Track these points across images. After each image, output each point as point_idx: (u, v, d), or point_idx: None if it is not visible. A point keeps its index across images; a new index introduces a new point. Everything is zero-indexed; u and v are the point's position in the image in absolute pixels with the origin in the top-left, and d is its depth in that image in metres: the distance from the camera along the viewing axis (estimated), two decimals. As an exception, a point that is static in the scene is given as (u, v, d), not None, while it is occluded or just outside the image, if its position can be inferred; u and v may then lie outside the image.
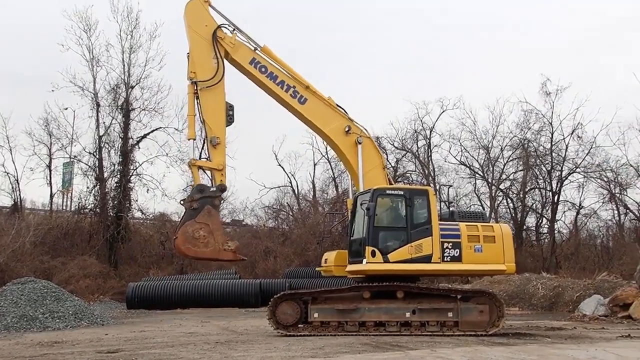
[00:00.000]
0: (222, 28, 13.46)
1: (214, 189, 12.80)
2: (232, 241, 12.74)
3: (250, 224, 42.80)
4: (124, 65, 35.53)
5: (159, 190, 35.93)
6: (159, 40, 36.29)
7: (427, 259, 12.71)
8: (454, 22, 66.38)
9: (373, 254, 12.46)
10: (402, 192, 13.24)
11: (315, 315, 12.81)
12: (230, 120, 13.32)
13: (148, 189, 35.73)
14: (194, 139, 13.09)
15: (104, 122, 35.33)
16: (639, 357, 8.77)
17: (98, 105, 35.24)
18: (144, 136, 35.94)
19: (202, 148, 13.21)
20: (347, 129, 13.95)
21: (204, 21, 13.34)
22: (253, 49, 13.77)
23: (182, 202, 12.98)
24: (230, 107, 13.30)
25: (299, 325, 12.87)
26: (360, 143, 14.01)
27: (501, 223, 17.51)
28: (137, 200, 36.19)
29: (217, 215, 12.90)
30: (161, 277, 30.20)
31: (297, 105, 13.82)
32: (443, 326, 12.48)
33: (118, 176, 35.24)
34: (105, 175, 35.24)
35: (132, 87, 35.65)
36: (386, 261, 12.52)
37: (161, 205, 55.78)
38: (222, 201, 13.61)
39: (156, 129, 36.05)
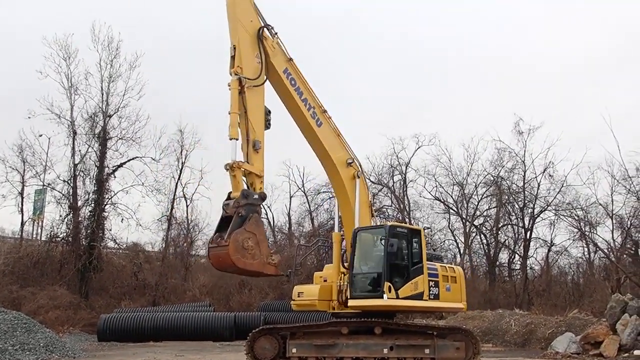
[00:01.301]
0: (266, 29, 12.88)
1: (256, 196, 11.50)
2: (275, 254, 11.71)
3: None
4: (102, 94, 35.49)
5: (134, 219, 35.62)
6: (139, 70, 36.30)
7: (420, 296, 13.07)
8: (430, 58, 67.94)
9: (389, 289, 12.60)
10: (406, 231, 13.67)
11: (294, 350, 12.83)
12: (268, 125, 12.45)
13: (122, 219, 35.39)
14: (237, 139, 11.68)
15: (79, 150, 35.06)
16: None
17: (74, 133, 34.99)
18: (120, 165, 35.73)
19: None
20: (349, 162, 14.25)
21: (249, 16, 12.61)
22: (288, 58, 13.41)
23: (225, 206, 11.28)
24: (268, 112, 12.51)
25: (277, 361, 12.85)
26: (358, 177, 14.30)
27: (455, 265, 18.40)
28: (110, 230, 35.72)
29: (263, 225, 11.81)
30: (133, 308, 29.71)
31: (315, 126, 13.67)
32: (420, 363, 12.58)
33: (92, 205, 34.81)
34: (79, 203, 34.78)
35: (110, 116, 35.56)
36: (397, 297, 12.72)
37: (135, 235, 55.07)
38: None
39: (133, 159, 35.95)
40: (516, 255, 37.37)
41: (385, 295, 12.49)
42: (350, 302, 12.99)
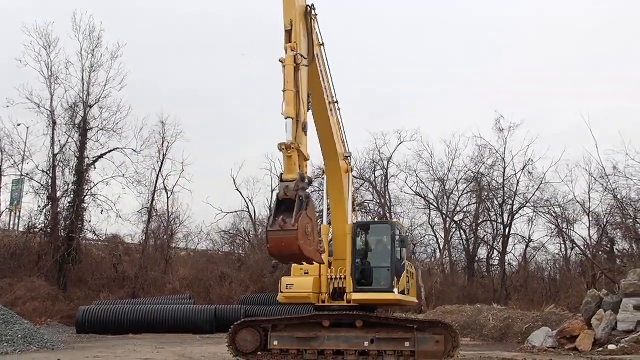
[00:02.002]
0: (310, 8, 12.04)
1: (306, 181, 10.30)
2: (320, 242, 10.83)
3: (206, 248, 42.36)
4: (83, 84, 35.14)
5: (114, 211, 35.39)
6: (121, 60, 35.96)
7: (404, 292, 13.60)
8: (413, 56, 68.23)
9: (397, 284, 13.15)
10: (401, 229, 14.26)
11: (275, 343, 12.89)
12: (309, 108, 11.42)
13: (102, 210, 35.15)
14: (293, 118, 10.50)
15: (59, 141, 34.68)
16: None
17: (54, 123, 34.58)
18: (101, 156, 35.44)
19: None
20: (346, 155, 14.36)
21: None
22: (320, 42, 12.81)
23: (285, 189, 9.85)
24: (309, 95, 11.42)
25: (258, 353, 12.91)
26: (351, 172, 14.49)
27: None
28: (90, 221, 35.47)
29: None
30: (112, 300, 29.54)
31: (330, 114, 13.30)
32: (400, 356, 12.71)
33: (71, 196, 34.47)
34: (58, 194, 34.42)
35: (91, 106, 35.22)
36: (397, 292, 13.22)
37: (115, 226, 54.66)
38: None
39: (113, 150, 35.67)
40: (495, 251, 37.86)
41: (396, 290, 12.99)
42: (355, 296, 13.00)
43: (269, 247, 9.71)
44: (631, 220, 30.85)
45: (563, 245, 35.96)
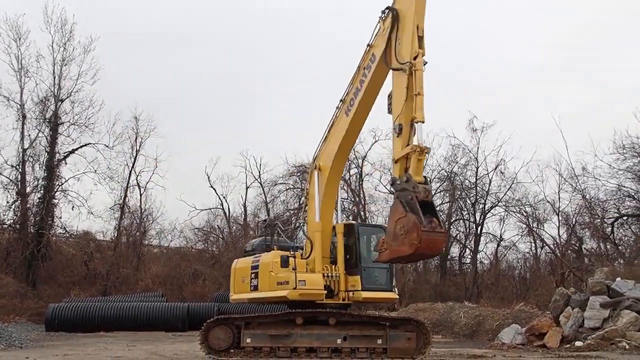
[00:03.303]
0: None
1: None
2: None
3: (179, 245, 42.08)
4: (54, 78, 34.65)
5: (85, 207, 34.97)
6: (94, 54, 35.50)
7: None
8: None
9: None
10: None
11: (248, 340, 12.85)
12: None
13: (73, 206, 34.74)
14: (424, 123, 10.76)
15: (29, 135, 34.15)
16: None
17: (24, 117, 34.03)
18: (72, 151, 35.01)
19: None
20: None
21: None
22: None
23: (425, 191, 10.29)
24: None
25: (231, 351, 12.87)
26: None
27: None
28: (60, 218, 35.01)
29: None
30: (83, 298, 29.16)
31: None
32: (372, 352, 12.79)
33: (42, 191, 33.97)
34: (28, 190, 33.89)
35: (62, 101, 34.75)
36: None
37: (86, 223, 53.94)
38: None
39: (85, 145, 35.26)
40: (467, 249, 38.37)
41: (395, 289, 13.89)
42: (365, 294, 13.33)
43: (418, 246, 9.84)
44: (599, 220, 31.56)
45: (533, 244, 36.65)
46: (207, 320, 13.22)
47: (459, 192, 37.91)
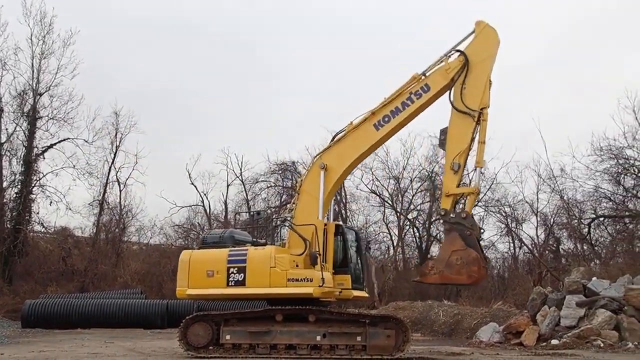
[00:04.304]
0: None
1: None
2: None
3: (159, 242, 41.74)
4: (33, 71, 34.13)
5: (63, 203, 34.53)
6: (73, 48, 35.03)
7: None
8: (372, 54, 68.73)
9: None
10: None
11: (227, 337, 12.85)
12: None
13: (51, 202, 34.26)
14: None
15: (6, 129, 33.67)
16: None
17: (1, 110, 33.53)
18: (50, 146, 34.56)
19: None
20: None
21: None
22: None
23: (471, 227, 11.91)
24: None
25: (210, 347, 12.84)
26: None
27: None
28: (38, 213, 34.50)
29: None
30: (60, 294, 28.79)
31: None
32: (352, 350, 12.82)
33: (19, 186, 33.48)
34: (5, 184, 33.37)
35: (41, 95, 34.24)
36: None
37: (64, 219, 53.32)
38: None
39: (64, 140, 34.82)
40: (447, 248, 38.56)
41: (366, 289, 14.69)
42: (355, 293, 13.86)
43: (477, 278, 11.66)
44: (576, 221, 32.00)
45: (512, 244, 37.02)
46: (187, 317, 13.17)
47: (439, 192, 38.13)
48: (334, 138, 13.82)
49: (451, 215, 11.87)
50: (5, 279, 31.02)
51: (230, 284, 13.11)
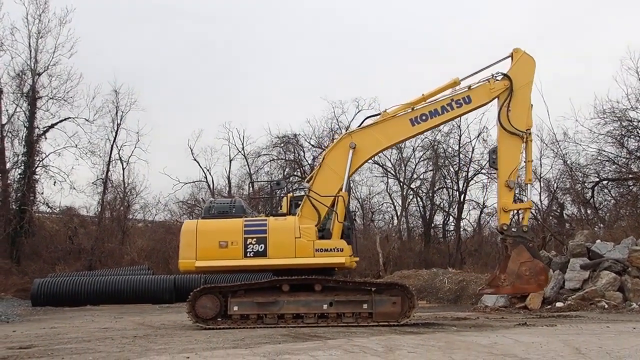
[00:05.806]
0: None
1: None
2: None
3: (164, 219, 41.96)
4: (30, 51, 33.95)
5: (67, 182, 34.66)
6: (70, 26, 34.75)
7: None
8: (370, 25, 67.98)
9: None
10: None
11: (235, 308, 12.98)
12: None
13: (55, 182, 34.39)
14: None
15: (7, 110, 33.58)
16: (533, 342, 9.63)
17: (1, 91, 33.44)
18: (52, 126, 34.55)
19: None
20: None
21: None
22: None
23: (532, 240, 13.61)
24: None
25: (218, 319, 12.99)
26: None
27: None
28: (42, 193, 34.69)
29: None
30: (68, 273, 29.09)
31: None
32: (358, 317, 12.95)
33: (22, 167, 33.55)
34: (8, 166, 33.45)
35: (39, 74, 34.10)
36: None
37: (69, 198, 53.47)
38: None
39: (65, 119, 34.81)
40: (450, 217, 38.75)
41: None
42: (356, 259, 14.27)
43: (544, 286, 14.99)
44: (579, 185, 31.96)
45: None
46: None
47: (442, 161, 38.13)
48: (363, 122, 14.30)
49: (512, 229, 13.13)
50: (14, 259, 31.31)
51: (248, 255, 13.01)
